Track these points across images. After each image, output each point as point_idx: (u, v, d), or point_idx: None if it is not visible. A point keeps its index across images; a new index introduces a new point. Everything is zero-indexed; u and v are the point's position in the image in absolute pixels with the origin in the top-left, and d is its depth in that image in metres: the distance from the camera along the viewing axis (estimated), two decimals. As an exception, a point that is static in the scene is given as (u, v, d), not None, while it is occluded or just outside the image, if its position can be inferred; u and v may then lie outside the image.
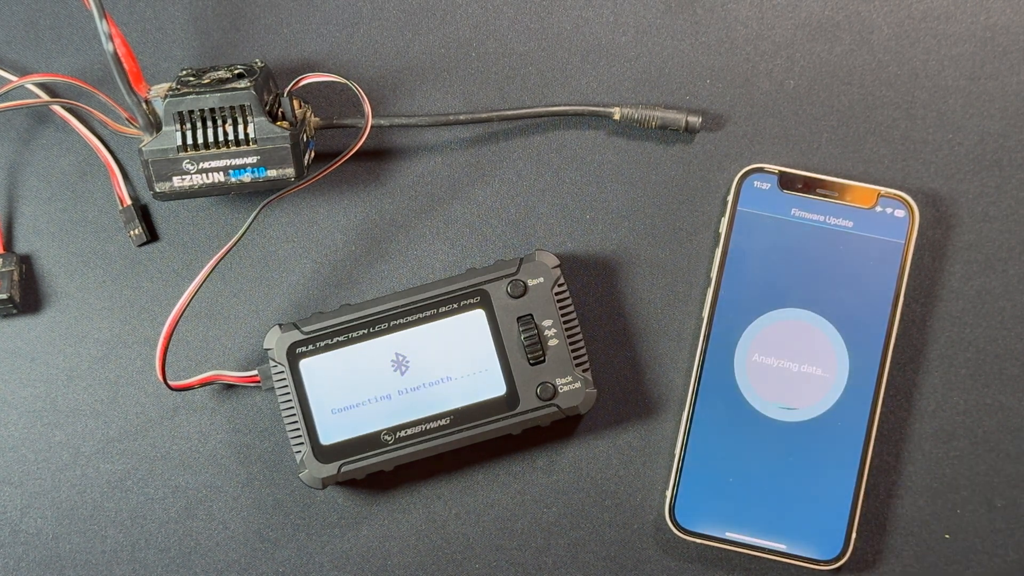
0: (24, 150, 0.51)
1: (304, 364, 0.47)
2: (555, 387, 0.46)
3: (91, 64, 0.51)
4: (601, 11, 0.51)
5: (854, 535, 0.47)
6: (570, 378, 0.47)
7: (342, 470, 0.46)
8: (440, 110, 0.51)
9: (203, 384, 0.48)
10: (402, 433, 0.46)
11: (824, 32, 0.50)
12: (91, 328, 0.50)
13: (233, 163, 0.46)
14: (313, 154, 0.49)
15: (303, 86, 0.47)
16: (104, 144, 0.51)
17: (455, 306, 0.47)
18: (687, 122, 0.49)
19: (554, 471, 0.49)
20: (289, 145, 0.45)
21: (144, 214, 0.51)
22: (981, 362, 0.49)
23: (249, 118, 0.45)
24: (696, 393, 0.48)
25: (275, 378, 0.47)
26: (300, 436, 0.46)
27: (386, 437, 0.46)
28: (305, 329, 0.47)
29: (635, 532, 0.49)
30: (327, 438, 0.46)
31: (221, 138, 0.45)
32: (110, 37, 0.43)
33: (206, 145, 0.45)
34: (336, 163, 0.48)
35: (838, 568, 0.47)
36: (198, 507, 0.50)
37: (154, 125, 0.45)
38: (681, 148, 0.50)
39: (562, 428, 0.49)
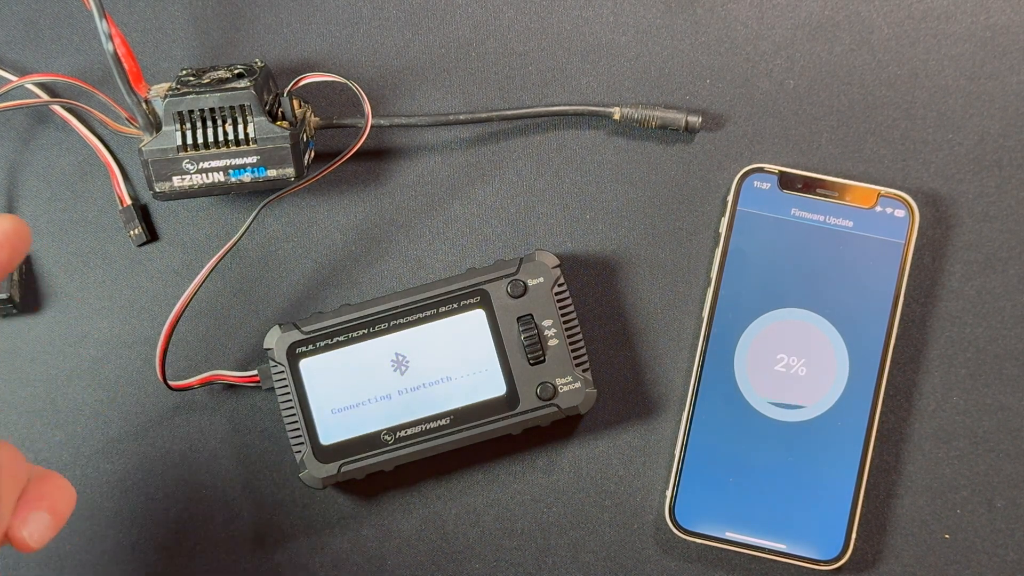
0: (24, 150, 0.51)
1: (304, 364, 0.47)
2: (555, 387, 0.46)
3: (91, 64, 0.51)
4: (601, 11, 0.51)
5: (854, 535, 0.47)
6: (570, 378, 0.47)
7: (342, 470, 0.46)
8: (440, 110, 0.51)
9: (203, 384, 0.48)
10: (402, 433, 0.46)
11: (824, 32, 0.50)
12: (91, 328, 0.50)
13: (233, 163, 0.46)
14: (313, 154, 0.49)
15: (303, 86, 0.47)
16: (104, 144, 0.51)
17: (455, 306, 0.47)
18: (687, 122, 0.49)
19: (554, 471, 0.49)
20: (289, 145, 0.45)
21: (144, 214, 0.51)
22: (981, 362, 0.49)
23: (249, 118, 0.45)
24: (696, 393, 0.48)
25: (275, 378, 0.47)
26: (300, 436, 0.46)
27: (386, 437, 0.46)
28: (305, 329, 0.47)
29: (635, 532, 0.49)
30: (327, 438, 0.46)
31: (221, 138, 0.45)
32: (110, 37, 0.43)
33: (206, 145, 0.45)
34: (336, 163, 0.48)
35: (838, 568, 0.47)
36: (198, 507, 0.50)
37: (154, 125, 0.46)
38: (681, 148, 0.50)
39: (562, 428, 0.49)
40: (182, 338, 0.50)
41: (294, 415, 0.47)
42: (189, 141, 0.45)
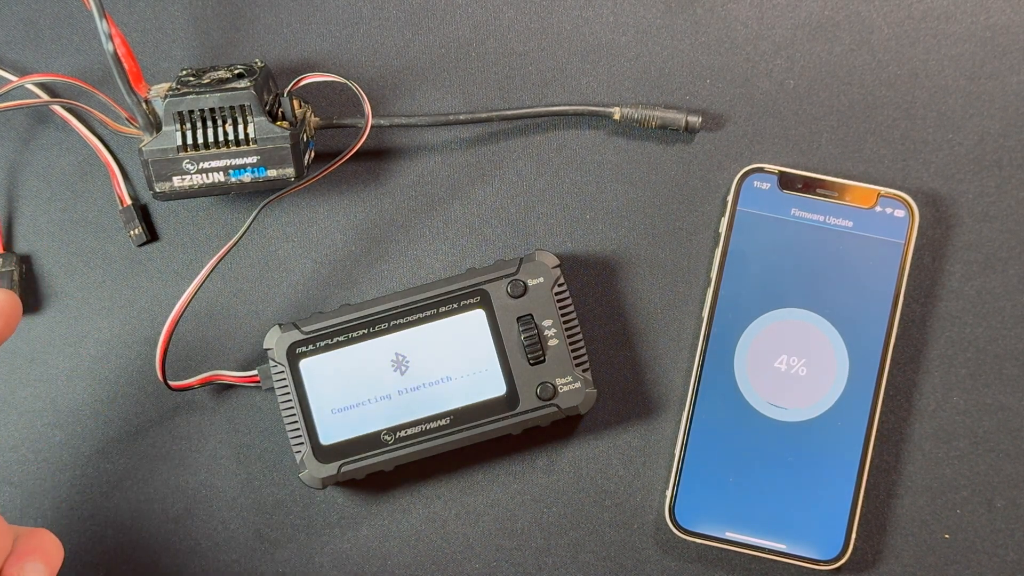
0: (24, 150, 0.51)
1: (304, 364, 0.47)
2: (555, 387, 0.46)
3: (91, 64, 0.51)
4: (601, 11, 0.51)
5: (854, 535, 0.47)
6: (570, 378, 0.47)
7: (342, 470, 0.46)
8: (440, 110, 0.51)
9: (203, 384, 0.49)
10: (402, 433, 0.46)
11: (824, 32, 0.50)
12: (91, 328, 0.50)
13: (233, 163, 0.46)
14: (313, 154, 0.49)
15: (303, 86, 0.47)
16: (104, 144, 0.51)
17: (455, 306, 0.47)
18: (687, 122, 0.49)
19: (554, 471, 0.49)
20: (289, 145, 0.45)
21: (144, 214, 0.51)
22: (981, 362, 0.49)
23: (249, 118, 0.45)
24: (696, 393, 0.48)
25: (275, 378, 0.47)
26: (300, 436, 0.46)
27: (386, 437, 0.46)
28: (305, 329, 0.47)
29: (635, 532, 0.49)
30: (327, 438, 0.46)
31: (221, 138, 0.45)
32: (110, 37, 0.43)
33: (206, 145, 0.45)
34: (336, 163, 0.48)
35: (838, 568, 0.47)
36: (198, 507, 0.50)
37: (154, 125, 0.46)
38: (681, 148, 0.50)
39: (562, 428, 0.49)
40: (182, 338, 0.50)
41: (294, 415, 0.47)
42: (189, 141, 0.45)
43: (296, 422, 0.47)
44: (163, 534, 0.50)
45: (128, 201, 0.50)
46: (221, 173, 0.46)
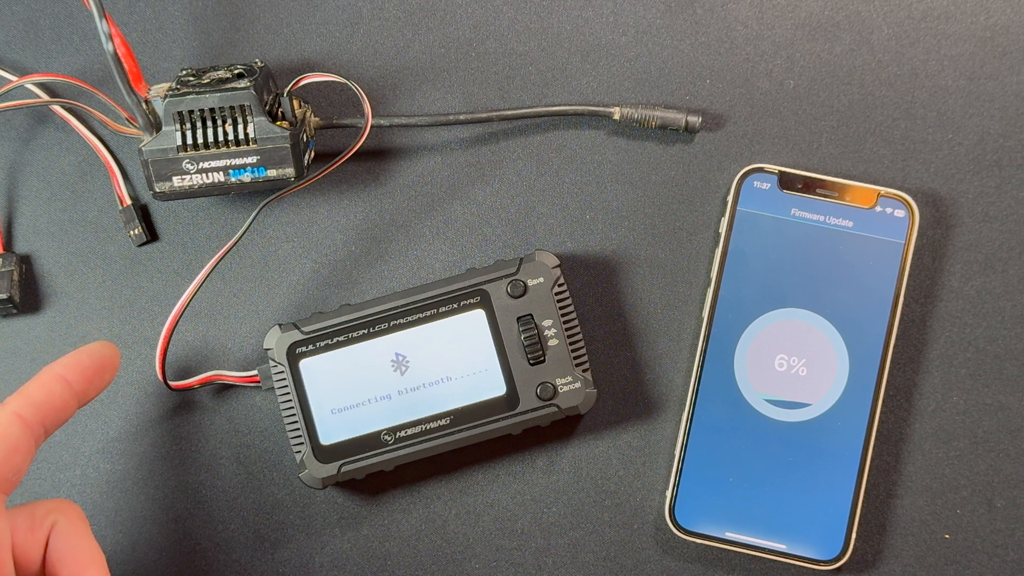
0: (24, 150, 0.51)
1: (304, 364, 0.47)
2: (555, 387, 0.46)
3: (91, 64, 0.51)
4: (601, 11, 0.51)
5: (854, 535, 0.47)
6: (570, 378, 0.47)
7: (342, 470, 0.46)
8: (440, 110, 0.51)
9: (203, 384, 0.49)
10: (402, 433, 0.46)
11: (824, 32, 0.50)
12: (91, 328, 0.50)
13: (233, 163, 0.46)
14: (313, 154, 0.49)
15: (303, 86, 0.47)
16: (104, 144, 0.51)
17: (455, 306, 0.47)
18: (687, 122, 0.49)
19: (554, 471, 0.49)
20: (289, 145, 0.45)
21: (144, 214, 0.51)
22: (981, 362, 0.49)
23: (249, 118, 0.45)
24: (696, 393, 0.48)
25: (275, 378, 0.47)
26: (300, 436, 0.46)
27: (386, 437, 0.46)
28: (305, 329, 0.47)
29: (635, 532, 0.49)
30: (327, 438, 0.46)
31: (221, 138, 0.45)
32: (110, 37, 0.43)
33: (206, 145, 0.45)
34: (336, 163, 0.48)
35: (838, 568, 0.47)
36: (198, 507, 0.50)
37: (154, 125, 0.46)
38: (681, 148, 0.50)
39: (562, 428, 0.49)
40: (182, 338, 0.50)
41: (294, 415, 0.47)
42: (189, 141, 0.45)
43: (296, 422, 0.47)
44: (163, 534, 0.50)
45: (128, 201, 0.50)
46: (221, 173, 0.46)
